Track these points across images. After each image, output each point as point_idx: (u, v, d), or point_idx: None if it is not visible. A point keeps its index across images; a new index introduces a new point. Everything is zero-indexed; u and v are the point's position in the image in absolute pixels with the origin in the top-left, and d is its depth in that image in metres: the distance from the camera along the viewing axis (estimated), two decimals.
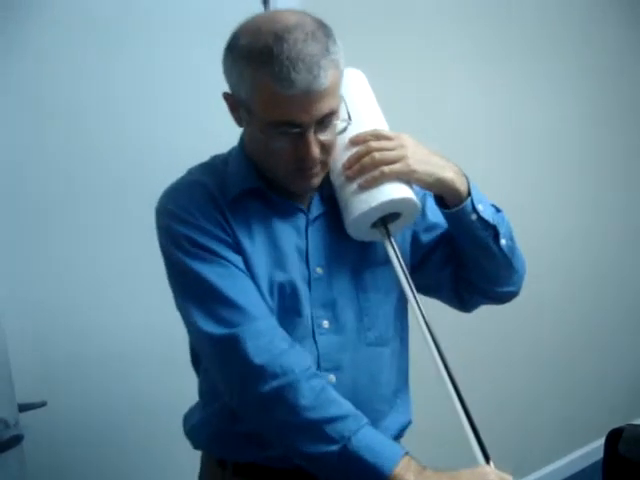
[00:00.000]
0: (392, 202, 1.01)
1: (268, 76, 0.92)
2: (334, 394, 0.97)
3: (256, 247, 1.04)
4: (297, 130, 0.96)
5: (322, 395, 0.95)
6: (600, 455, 1.64)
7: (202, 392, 1.16)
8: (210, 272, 1.00)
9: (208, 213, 1.02)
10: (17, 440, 1.18)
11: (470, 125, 2.26)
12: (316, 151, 0.98)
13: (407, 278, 1.01)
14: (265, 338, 0.97)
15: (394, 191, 1.01)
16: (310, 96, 0.93)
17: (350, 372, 1.06)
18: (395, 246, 1.03)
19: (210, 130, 1.44)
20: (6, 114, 1.45)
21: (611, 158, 2.74)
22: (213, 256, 1.01)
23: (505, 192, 2.29)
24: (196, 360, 1.17)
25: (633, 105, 2.80)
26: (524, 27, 2.39)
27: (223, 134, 1.11)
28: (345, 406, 0.96)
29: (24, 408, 1.27)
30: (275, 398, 0.94)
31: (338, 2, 1.91)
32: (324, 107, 0.95)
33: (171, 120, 1.62)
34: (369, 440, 0.93)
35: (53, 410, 1.36)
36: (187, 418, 1.19)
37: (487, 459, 0.92)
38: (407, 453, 0.94)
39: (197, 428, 1.14)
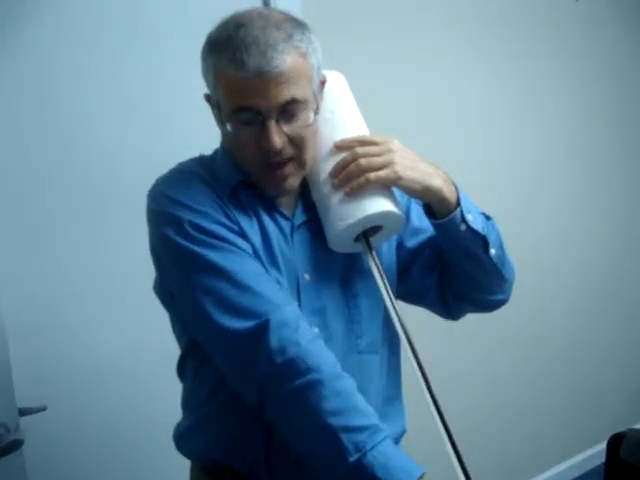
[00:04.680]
0: (370, 217, 0.99)
1: (224, 62, 0.92)
2: (359, 400, 0.92)
3: (257, 241, 1.00)
4: (259, 119, 0.93)
5: (347, 400, 0.91)
6: (601, 459, 1.64)
7: (193, 399, 1.11)
8: (223, 259, 0.93)
9: (211, 200, 0.98)
10: (17, 444, 1.18)
11: (468, 128, 2.26)
12: (278, 141, 0.93)
13: (389, 294, 0.98)
14: (290, 328, 0.91)
15: (372, 205, 0.98)
16: (264, 79, 0.91)
17: None
18: (377, 260, 1.00)
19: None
20: (9, 115, 1.46)
21: (610, 159, 2.73)
22: (223, 242, 0.95)
23: (504, 194, 2.32)
24: (183, 367, 1.12)
25: (632, 106, 2.80)
26: (522, 29, 2.39)
27: None
28: (369, 417, 0.91)
29: (24, 412, 1.27)
30: (297, 397, 0.90)
31: (338, 3, 1.92)
32: (283, 93, 0.92)
33: (178, 123, 1.62)
34: (385, 458, 0.88)
35: (53, 414, 1.36)
36: (177, 432, 1.14)
37: None
38: (424, 474, 0.89)
39: (189, 436, 1.10)
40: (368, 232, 1.01)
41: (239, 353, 0.93)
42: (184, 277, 0.97)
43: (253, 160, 0.98)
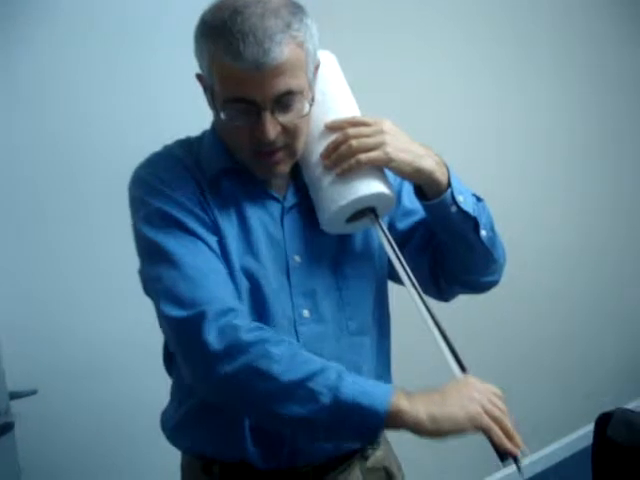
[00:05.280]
0: (362, 198, 0.98)
1: (220, 50, 0.90)
2: (306, 353, 0.92)
3: (231, 231, 1.00)
4: (254, 109, 0.92)
5: (295, 357, 0.90)
6: (590, 440, 1.65)
7: (180, 389, 1.11)
8: (179, 248, 0.94)
9: (187, 188, 0.98)
10: (8, 427, 1.19)
11: (465, 123, 2.26)
12: (272, 132, 0.93)
13: (400, 259, 0.99)
14: (228, 317, 0.91)
15: (364, 187, 0.98)
16: (261, 71, 0.89)
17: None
18: (385, 229, 1.01)
19: None
20: (6, 115, 1.46)
21: (602, 154, 2.75)
22: (186, 233, 0.95)
23: (496, 186, 2.32)
24: (168, 360, 1.12)
25: (629, 105, 2.81)
26: (522, 29, 2.39)
27: None
28: (321, 361, 0.91)
29: (15, 396, 1.28)
30: (247, 373, 0.89)
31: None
32: (279, 85, 0.91)
33: (174, 121, 1.60)
34: (356, 384, 0.89)
35: (43, 398, 1.37)
36: (164, 421, 1.14)
37: (463, 370, 0.92)
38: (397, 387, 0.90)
39: (177, 430, 1.10)
40: (359, 213, 1.01)
41: (180, 341, 0.94)
42: (147, 265, 0.99)
43: (245, 148, 0.97)
